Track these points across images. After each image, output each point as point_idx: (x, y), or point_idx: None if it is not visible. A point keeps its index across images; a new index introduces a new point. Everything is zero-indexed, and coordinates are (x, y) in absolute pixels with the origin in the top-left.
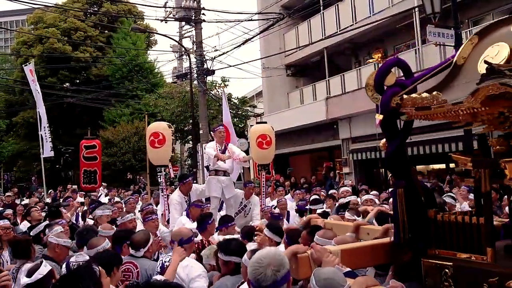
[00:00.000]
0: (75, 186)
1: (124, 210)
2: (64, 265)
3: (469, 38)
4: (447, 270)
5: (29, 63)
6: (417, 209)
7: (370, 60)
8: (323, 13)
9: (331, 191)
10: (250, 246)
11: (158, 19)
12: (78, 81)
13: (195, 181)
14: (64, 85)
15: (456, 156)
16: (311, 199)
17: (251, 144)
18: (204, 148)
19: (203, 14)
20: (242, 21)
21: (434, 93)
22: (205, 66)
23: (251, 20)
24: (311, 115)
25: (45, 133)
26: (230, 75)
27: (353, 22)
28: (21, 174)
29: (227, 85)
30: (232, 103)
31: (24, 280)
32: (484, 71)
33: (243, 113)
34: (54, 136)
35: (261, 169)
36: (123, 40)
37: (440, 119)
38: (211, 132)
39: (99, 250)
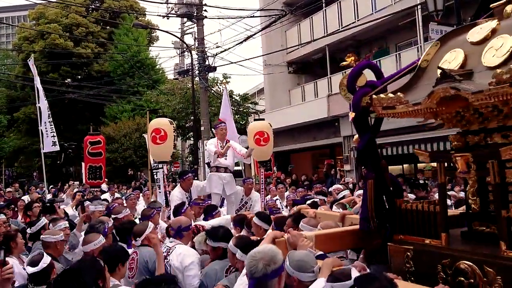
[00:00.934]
0: (77, 182)
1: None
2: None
3: (433, 43)
4: (408, 253)
5: (29, 60)
6: (385, 198)
7: (344, 63)
8: (325, 10)
9: (331, 188)
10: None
11: (160, 15)
12: (79, 77)
13: (196, 178)
14: (66, 81)
15: (417, 151)
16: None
17: (249, 141)
18: (205, 145)
19: (205, 10)
20: (244, 17)
21: (398, 93)
22: (206, 63)
23: (253, 16)
24: (312, 113)
25: (45, 128)
26: (231, 71)
27: (355, 19)
28: (22, 169)
29: (229, 81)
30: (233, 100)
31: (29, 269)
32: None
33: (245, 110)
34: (56, 132)
35: (260, 166)
36: (125, 36)
37: (404, 117)
38: (213, 129)
39: (95, 245)
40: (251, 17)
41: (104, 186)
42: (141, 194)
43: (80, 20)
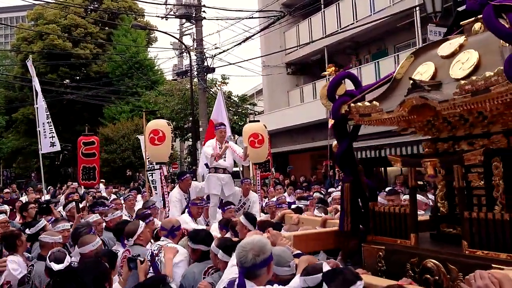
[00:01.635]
0: (75, 183)
1: (124, 208)
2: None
3: (407, 57)
4: (380, 253)
5: (28, 60)
6: (361, 201)
7: (325, 73)
8: (324, 11)
9: (330, 190)
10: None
11: (158, 16)
12: (78, 77)
13: (194, 179)
14: (64, 82)
15: (390, 157)
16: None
17: (244, 143)
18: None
19: (204, 11)
20: (242, 18)
21: (374, 102)
22: (205, 64)
23: (252, 18)
24: (311, 114)
25: (44, 128)
26: (230, 73)
27: (354, 20)
28: (20, 170)
29: (227, 83)
30: (232, 101)
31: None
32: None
33: (243, 111)
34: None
35: (256, 167)
36: (124, 37)
37: (380, 124)
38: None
39: (91, 247)
40: (249, 18)
41: (101, 187)
42: (140, 195)
43: (78, 21)
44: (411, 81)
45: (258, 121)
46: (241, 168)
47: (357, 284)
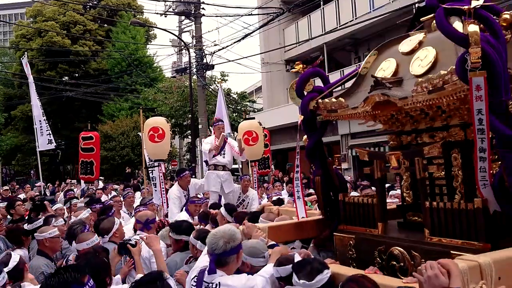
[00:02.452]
0: (74, 181)
1: (123, 205)
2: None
3: (371, 53)
4: (351, 242)
5: (23, 58)
6: (332, 193)
7: (293, 70)
8: (323, 8)
9: None
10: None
11: (157, 13)
12: (77, 75)
13: (193, 176)
14: (63, 79)
15: (358, 150)
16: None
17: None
18: (202, 142)
19: (203, 8)
20: (242, 15)
21: (340, 98)
22: (204, 61)
23: (251, 14)
24: None
25: (40, 126)
26: (229, 70)
27: (353, 17)
28: (19, 168)
29: (227, 80)
30: (231, 98)
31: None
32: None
33: (242, 108)
34: (53, 130)
35: (252, 165)
36: (123, 34)
37: (346, 119)
38: (211, 127)
39: (89, 244)
40: (249, 15)
41: (101, 184)
42: (139, 192)
43: (77, 18)
44: (373, 79)
45: (253, 118)
46: (240, 165)
47: (324, 273)
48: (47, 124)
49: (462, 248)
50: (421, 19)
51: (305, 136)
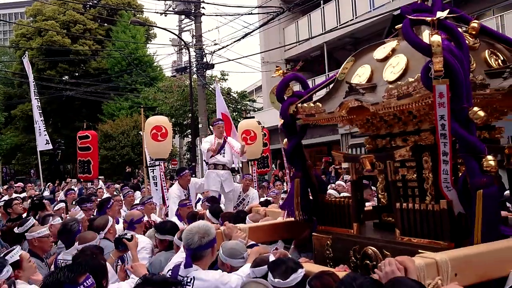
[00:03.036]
0: (74, 180)
1: (123, 204)
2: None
3: (348, 59)
4: (328, 242)
5: (24, 57)
6: (311, 194)
7: (273, 75)
8: (323, 7)
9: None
10: None
11: (157, 13)
12: (77, 74)
13: (194, 175)
14: (63, 78)
15: (334, 153)
16: None
17: (238, 140)
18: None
19: (203, 7)
20: (242, 14)
21: (317, 103)
22: (204, 60)
23: (251, 14)
24: None
25: (39, 126)
26: (229, 69)
27: (353, 16)
28: (19, 167)
29: (227, 79)
30: (231, 97)
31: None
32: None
33: (243, 108)
34: (53, 129)
35: (252, 164)
36: (123, 33)
37: (324, 123)
38: (211, 126)
39: (92, 245)
40: (249, 14)
41: (100, 184)
42: (139, 192)
43: (77, 17)
44: (348, 85)
45: (253, 117)
46: (240, 165)
47: (298, 271)
48: (44, 125)
49: (429, 247)
50: (395, 27)
51: (285, 140)
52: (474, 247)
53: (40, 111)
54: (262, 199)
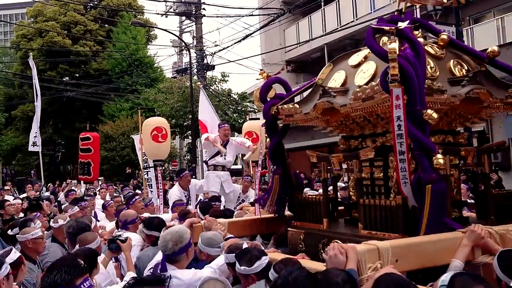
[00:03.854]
0: (74, 181)
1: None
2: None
3: (327, 65)
4: (301, 236)
5: (29, 59)
6: (289, 191)
7: (258, 78)
8: (324, 9)
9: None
10: None
11: (158, 14)
12: (77, 75)
13: (193, 176)
14: (64, 79)
15: (308, 152)
16: None
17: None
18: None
19: (204, 9)
20: (242, 16)
21: (295, 105)
22: (205, 61)
23: (252, 15)
24: None
25: (36, 127)
26: (230, 70)
27: (354, 18)
28: (20, 168)
29: (227, 80)
30: (231, 98)
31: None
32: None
33: (243, 109)
34: (54, 130)
35: (253, 165)
36: (123, 34)
37: (303, 123)
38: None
39: (93, 245)
40: (249, 15)
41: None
42: (139, 192)
43: (78, 18)
44: (321, 88)
45: (258, 118)
46: (241, 165)
47: (262, 259)
48: (38, 127)
49: (385, 239)
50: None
51: (268, 139)
52: (418, 237)
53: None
54: None
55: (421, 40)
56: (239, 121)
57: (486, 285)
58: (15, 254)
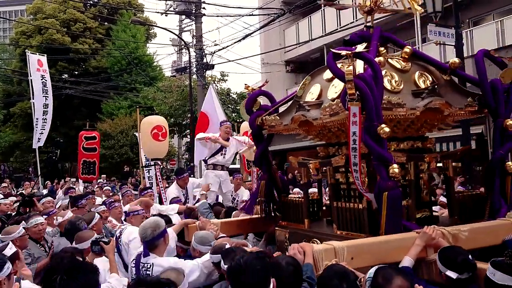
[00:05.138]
0: (73, 179)
1: (122, 203)
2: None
3: (306, 78)
4: (286, 235)
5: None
6: (276, 194)
7: (244, 91)
8: (323, 9)
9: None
10: None
11: (158, 12)
12: (76, 72)
13: (192, 175)
14: (63, 77)
15: (291, 158)
16: None
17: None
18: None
19: (204, 8)
20: (242, 16)
21: (276, 116)
22: (204, 61)
23: (252, 15)
24: None
25: (41, 124)
26: (229, 70)
27: (353, 19)
28: (18, 164)
29: (226, 80)
30: (231, 98)
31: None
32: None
33: None
34: (52, 127)
35: (251, 165)
36: (123, 33)
37: (285, 133)
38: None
39: (71, 246)
40: (249, 15)
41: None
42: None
43: (78, 16)
44: (297, 101)
45: None
46: (240, 165)
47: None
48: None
49: (353, 238)
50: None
51: (254, 147)
52: (373, 237)
53: (45, 109)
54: None
55: (383, 57)
56: (238, 120)
57: (404, 276)
58: (10, 250)
